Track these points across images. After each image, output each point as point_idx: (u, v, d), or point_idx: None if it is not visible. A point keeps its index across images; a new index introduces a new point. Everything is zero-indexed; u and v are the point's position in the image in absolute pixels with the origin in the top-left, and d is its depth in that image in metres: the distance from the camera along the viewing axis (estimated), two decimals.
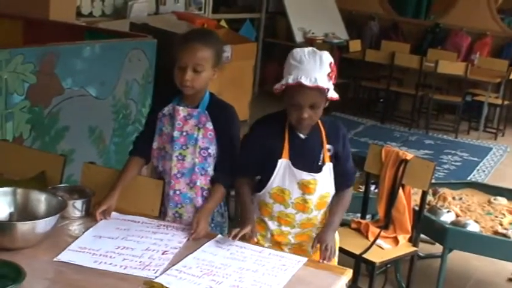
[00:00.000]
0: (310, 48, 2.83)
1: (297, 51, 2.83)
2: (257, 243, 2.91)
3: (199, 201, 3.00)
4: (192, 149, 2.97)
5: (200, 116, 2.97)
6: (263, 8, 10.73)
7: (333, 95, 2.79)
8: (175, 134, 2.98)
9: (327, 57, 2.79)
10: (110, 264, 2.47)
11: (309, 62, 2.76)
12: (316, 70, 2.74)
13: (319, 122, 2.89)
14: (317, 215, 2.93)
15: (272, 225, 2.96)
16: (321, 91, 2.74)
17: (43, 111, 4.36)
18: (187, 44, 2.92)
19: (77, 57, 4.60)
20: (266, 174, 2.92)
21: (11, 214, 2.65)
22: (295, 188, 2.88)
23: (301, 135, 2.88)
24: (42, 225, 2.49)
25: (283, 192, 2.90)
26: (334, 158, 2.90)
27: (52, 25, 5.62)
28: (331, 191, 2.93)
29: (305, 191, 2.87)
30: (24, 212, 2.65)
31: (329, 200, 2.95)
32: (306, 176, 2.85)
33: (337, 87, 2.87)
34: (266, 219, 2.97)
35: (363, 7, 11.08)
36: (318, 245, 2.79)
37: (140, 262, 2.50)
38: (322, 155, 2.87)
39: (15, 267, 2.25)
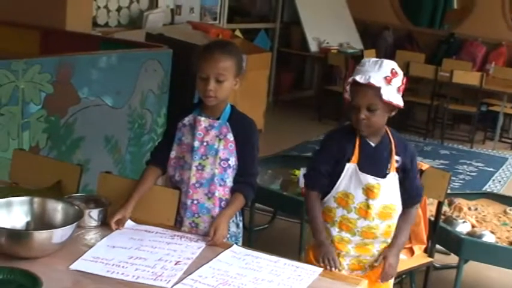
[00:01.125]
0: (376, 58, 2.93)
1: (365, 59, 2.94)
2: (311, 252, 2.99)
3: (216, 211, 3.00)
4: (212, 160, 2.98)
5: (221, 127, 2.99)
6: (278, 17, 10.76)
7: (392, 99, 2.83)
8: (196, 144, 2.99)
9: (389, 64, 2.87)
10: (122, 274, 2.46)
11: (369, 65, 2.87)
12: (372, 71, 2.84)
13: (389, 132, 2.96)
14: (379, 225, 2.94)
15: (333, 231, 2.99)
16: (375, 90, 2.80)
17: (59, 121, 4.39)
18: (209, 55, 2.93)
19: (93, 67, 4.62)
20: (332, 180, 2.97)
21: (27, 223, 2.66)
22: (359, 192, 2.92)
23: (372, 143, 2.95)
24: (59, 235, 2.50)
25: (348, 196, 2.94)
26: (402, 172, 2.96)
27: (68, 35, 5.67)
28: (397, 204, 2.96)
29: (369, 195, 2.91)
30: (41, 221, 2.66)
31: (394, 213, 2.97)
32: (371, 180, 2.90)
33: None
34: (328, 225, 3.00)
35: (378, 17, 11.09)
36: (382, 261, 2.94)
37: (152, 272, 2.49)
38: (389, 164, 2.93)
39: (32, 277, 2.26)
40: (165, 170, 3.12)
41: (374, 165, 2.93)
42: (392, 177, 2.93)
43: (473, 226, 4.56)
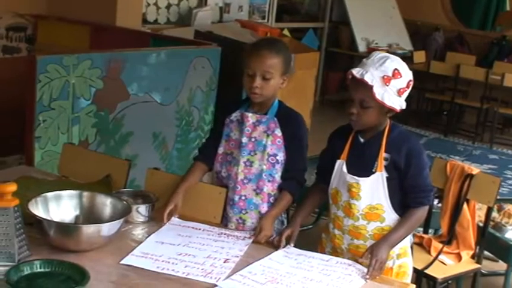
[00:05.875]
0: (388, 54, 2.80)
1: (375, 53, 2.81)
2: (321, 244, 2.96)
3: (264, 207, 3.02)
4: (260, 156, 2.99)
5: (269, 123, 3.00)
6: (326, 17, 10.71)
7: (387, 100, 2.71)
8: (244, 139, 3.00)
9: (395, 63, 2.74)
10: (173, 270, 2.48)
11: (372, 60, 2.75)
12: (370, 67, 2.72)
13: (387, 129, 2.83)
14: (365, 225, 2.83)
15: (330, 227, 2.95)
16: (368, 88, 2.69)
17: (108, 116, 4.42)
18: (256, 52, 2.95)
19: (143, 63, 4.65)
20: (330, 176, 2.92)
21: (76, 217, 2.69)
22: (345, 190, 2.84)
23: (361, 139, 2.86)
24: (107, 229, 2.53)
25: (337, 193, 2.88)
26: (394, 170, 2.79)
27: (118, 31, 5.70)
28: (385, 205, 2.80)
29: (350, 194, 2.82)
30: (90, 215, 2.69)
31: (385, 215, 2.81)
32: (349, 178, 2.81)
33: None
34: (328, 219, 2.98)
35: (428, 18, 10.96)
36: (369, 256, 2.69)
37: (202, 269, 2.50)
38: (376, 162, 2.79)
39: (80, 270, 2.28)
40: (211, 166, 3.14)
41: (361, 162, 2.82)
42: (378, 177, 2.78)
43: None
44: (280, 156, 3.01)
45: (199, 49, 5.22)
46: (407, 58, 9.84)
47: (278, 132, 2.99)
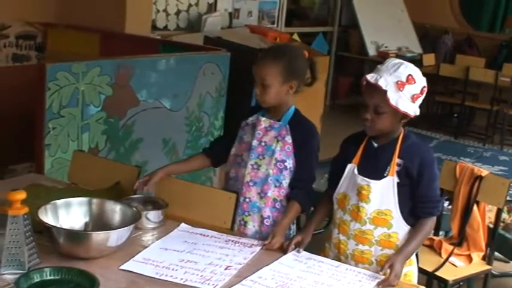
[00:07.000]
0: (402, 60, 2.80)
1: (389, 59, 2.83)
2: (324, 251, 2.96)
3: (267, 211, 3.04)
4: (268, 160, 3.02)
5: (281, 129, 3.03)
6: (336, 21, 10.71)
7: (401, 105, 2.71)
8: (254, 143, 3.04)
9: (409, 69, 2.75)
10: (171, 276, 2.48)
11: (387, 66, 2.76)
12: (385, 72, 2.73)
13: (401, 137, 2.83)
14: (372, 230, 2.81)
15: (334, 232, 2.94)
16: (382, 93, 2.69)
17: (118, 123, 4.43)
18: (258, 60, 3.02)
19: (152, 69, 4.66)
20: (338, 182, 2.92)
21: (86, 224, 2.70)
22: (354, 194, 2.84)
23: (375, 144, 2.86)
24: (116, 236, 2.53)
25: (345, 197, 2.87)
26: (406, 177, 2.79)
27: (128, 38, 5.72)
28: (394, 210, 2.79)
29: (360, 197, 2.81)
30: (99, 222, 2.70)
31: (393, 221, 2.80)
32: (361, 180, 2.81)
33: None
34: (332, 226, 2.97)
35: (437, 21, 10.95)
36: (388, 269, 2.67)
37: (201, 276, 2.49)
38: (389, 167, 2.79)
39: (90, 277, 2.30)
40: (215, 163, 3.27)
41: (373, 166, 2.82)
42: (389, 181, 2.78)
43: None
44: (289, 163, 3.03)
45: (208, 55, 5.23)
46: (416, 61, 9.83)
47: (288, 139, 3.02)
